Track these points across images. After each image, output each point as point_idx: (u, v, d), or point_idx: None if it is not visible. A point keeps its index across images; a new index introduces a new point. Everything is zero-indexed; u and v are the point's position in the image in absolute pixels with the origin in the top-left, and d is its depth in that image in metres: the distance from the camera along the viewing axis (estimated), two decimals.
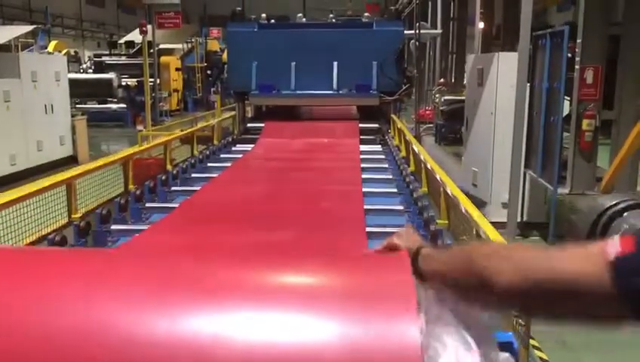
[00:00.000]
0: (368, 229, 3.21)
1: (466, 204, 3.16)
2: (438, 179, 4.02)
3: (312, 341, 0.97)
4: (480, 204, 7.82)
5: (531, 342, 4.40)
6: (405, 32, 8.80)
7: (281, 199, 3.88)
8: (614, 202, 1.41)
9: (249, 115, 8.92)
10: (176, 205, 3.89)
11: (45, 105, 11.82)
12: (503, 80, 7.14)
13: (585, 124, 9.47)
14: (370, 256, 1.26)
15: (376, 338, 0.94)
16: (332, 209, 3.53)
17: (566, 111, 6.38)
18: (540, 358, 4.34)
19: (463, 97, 13.49)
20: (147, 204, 3.95)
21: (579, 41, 9.41)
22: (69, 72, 15.88)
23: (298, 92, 7.67)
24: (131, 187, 4.50)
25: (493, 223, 7.46)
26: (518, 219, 6.92)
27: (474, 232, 2.84)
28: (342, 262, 1.22)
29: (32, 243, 3.06)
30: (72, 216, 3.56)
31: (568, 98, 6.17)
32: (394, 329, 0.96)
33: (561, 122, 6.04)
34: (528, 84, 6.72)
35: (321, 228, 3.11)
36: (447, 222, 3.59)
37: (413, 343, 0.93)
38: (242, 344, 0.97)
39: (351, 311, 1.00)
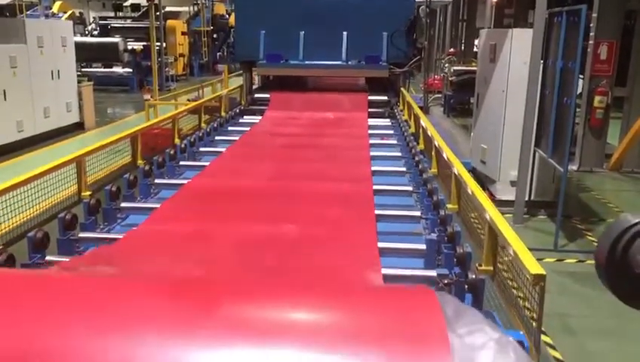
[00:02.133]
0: (377, 211, 3.21)
1: (473, 187, 3.13)
2: (445, 157, 3.97)
3: None
4: (488, 182, 7.79)
5: (545, 339, 4.45)
6: None
7: (286, 183, 3.84)
8: (638, 220, 1.39)
9: (255, 82, 8.84)
10: (184, 181, 3.88)
11: (52, 71, 11.72)
12: (516, 57, 7.00)
13: (596, 100, 9.36)
14: (396, 291, 1.23)
15: None
16: (340, 194, 3.51)
17: (579, 89, 6.26)
18: (555, 358, 4.32)
19: (472, 68, 13.32)
20: (156, 180, 3.95)
21: (594, 15, 9.22)
22: (74, 34, 15.68)
23: (306, 62, 7.56)
24: (140, 162, 4.48)
25: (501, 201, 7.48)
26: (526, 198, 6.89)
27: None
28: (369, 299, 1.20)
29: (44, 222, 3.07)
30: (82, 194, 3.56)
31: (582, 76, 6.04)
32: None
33: (575, 104, 5.94)
34: (542, 62, 6.60)
35: (330, 219, 3.07)
36: (457, 206, 3.56)
37: None
38: None
39: (383, 355, 0.97)
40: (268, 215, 3.08)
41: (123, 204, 3.39)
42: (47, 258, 2.57)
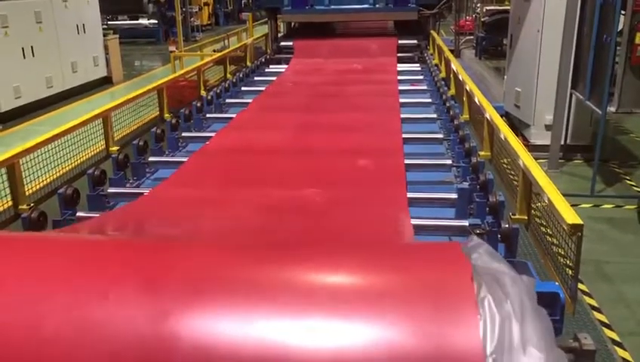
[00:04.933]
0: (407, 161, 3.12)
1: (506, 133, 3.01)
2: (477, 102, 3.83)
3: (375, 342, 0.93)
4: (522, 126, 7.57)
5: (580, 286, 4.37)
6: None
7: (313, 135, 3.75)
8: None
9: (281, 30, 8.66)
10: (211, 134, 3.85)
11: (77, 25, 11.68)
12: None
13: (638, 37, 8.89)
14: (422, 247, 1.18)
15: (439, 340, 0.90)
16: (368, 145, 3.43)
17: (619, 26, 5.95)
18: (591, 306, 4.25)
19: (506, 7, 12.79)
20: (183, 133, 3.93)
21: None
22: None
23: (332, 7, 7.35)
24: (167, 116, 4.46)
25: (535, 146, 7.30)
26: (562, 142, 6.69)
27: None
28: (396, 257, 1.16)
29: (73, 179, 3.09)
30: (110, 149, 3.57)
31: (623, 12, 5.72)
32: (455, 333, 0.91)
33: (615, 42, 5.65)
34: None
35: (358, 170, 3.00)
36: (489, 153, 3.45)
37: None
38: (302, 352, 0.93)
39: (413, 313, 0.95)
40: (294, 169, 3.03)
41: (151, 158, 3.39)
42: (78, 214, 2.59)
